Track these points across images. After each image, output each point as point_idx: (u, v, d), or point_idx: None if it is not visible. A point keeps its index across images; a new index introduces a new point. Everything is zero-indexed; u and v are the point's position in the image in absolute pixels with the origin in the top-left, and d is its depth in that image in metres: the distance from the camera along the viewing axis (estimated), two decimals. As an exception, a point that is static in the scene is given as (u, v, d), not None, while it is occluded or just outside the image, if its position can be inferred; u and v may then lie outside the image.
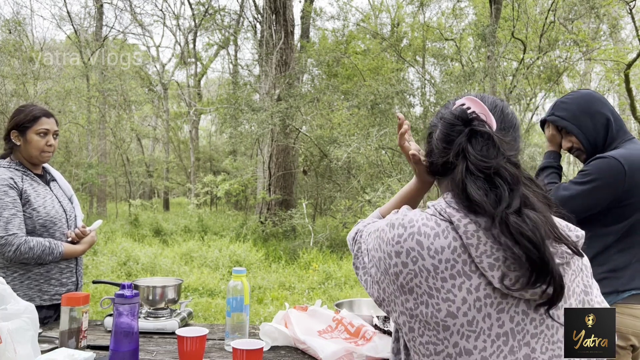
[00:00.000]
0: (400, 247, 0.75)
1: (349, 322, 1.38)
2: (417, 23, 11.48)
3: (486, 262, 0.72)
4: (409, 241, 0.75)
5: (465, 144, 0.77)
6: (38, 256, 1.60)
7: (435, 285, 0.72)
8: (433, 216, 0.77)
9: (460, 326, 0.72)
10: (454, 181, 0.77)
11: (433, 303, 0.73)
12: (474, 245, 0.72)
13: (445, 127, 0.81)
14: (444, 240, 0.74)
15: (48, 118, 1.71)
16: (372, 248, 0.82)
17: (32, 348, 1.11)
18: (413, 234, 0.75)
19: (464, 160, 0.76)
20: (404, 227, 0.77)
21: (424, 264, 0.73)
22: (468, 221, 0.74)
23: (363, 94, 8.70)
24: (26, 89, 10.28)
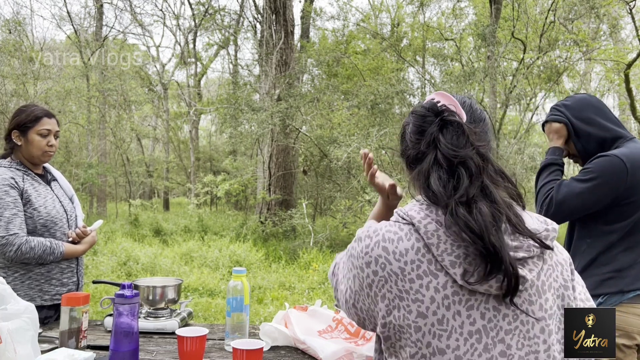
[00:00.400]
0: (369, 257, 0.77)
1: (349, 322, 1.38)
2: (417, 23, 11.48)
3: (447, 260, 0.73)
4: (375, 249, 0.77)
5: (437, 133, 0.78)
6: (39, 256, 1.60)
7: (405, 287, 0.74)
8: (396, 222, 0.79)
9: (431, 326, 0.72)
10: (421, 172, 0.78)
11: (404, 305, 0.73)
12: (434, 244, 0.74)
13: (417, 119, 0.83)
14: (407, 243, 0.75)
15: (49, 118, 1.71)
16: (346, 270, 0.84)
17: (32, 348, 1.11)
18: (378, 242, 0.77)
19: (434, 150, 0.78)
20: (370, 237, 0.79)
21: (391, 268, 0.75)
22: (428, 221, 0.75)
23: (363, 94, 8.70)
24: (26, 89, 10.28)
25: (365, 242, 0.79)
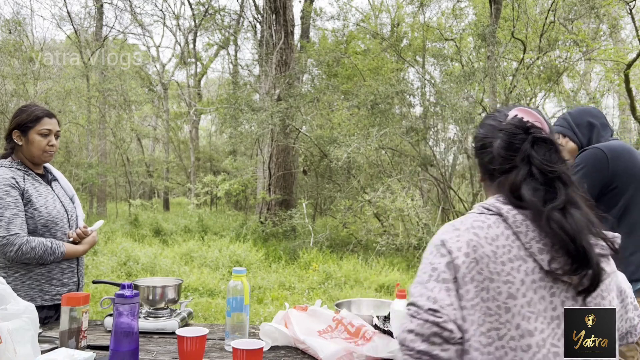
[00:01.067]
0: (459, 242, 0.83)
1: (349, 322, 1.38)
2: (417, 23, 11.48)
3: (535, 247, 0.81)
4: (466, 234, 0.84)
5: (529, 150, 0.86)
6: (40, 256, 1.60)
7: (496, 270, 0.80)
8: (482, 213, 0.88)
9: (520, 307, 0.78)
10: (509, 182, 0.86)
11: (494, 287, 0.79)
12: (523, 232, 0.82)
13: (508, 136, 0.89)
14: (497, 230, 0.83)
15: (50, 118, 1.71)
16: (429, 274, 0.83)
17: (32, 348, 1.11)
18: (468, 229, 0.84)
19: (527, 165, 0.86)
20: (457, 228, 0.86)
21: (484, 251, 0.81)
22: (516, 212, 0.84)
23: (363, 94, 8.69)
24: (26, 89, 10.28)
25: (455, 233, 0.85)
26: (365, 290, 5.48)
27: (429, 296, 0.80)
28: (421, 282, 0.83)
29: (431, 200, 9.61)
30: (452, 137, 9.43)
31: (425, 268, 0.85)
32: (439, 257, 0.83)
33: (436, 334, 0.77)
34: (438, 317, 0.78)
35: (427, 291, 0.81)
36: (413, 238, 6.87)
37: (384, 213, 7.45)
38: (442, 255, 0.83)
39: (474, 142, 0.99)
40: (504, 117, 0.93)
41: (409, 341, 0.78)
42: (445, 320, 0.78)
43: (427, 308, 0.79)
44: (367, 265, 6.47)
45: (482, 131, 0.96)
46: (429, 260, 0.85)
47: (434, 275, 0.82)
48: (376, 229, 7.71)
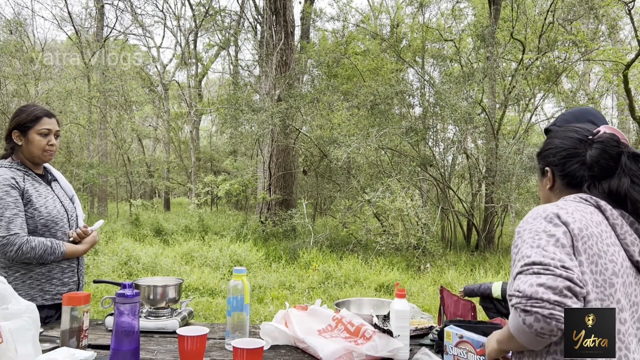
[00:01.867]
0: (573, 217, 0.91)
1: (349, 321, 1.39)
2: (417, 24, 11.48)
3: (629, 239, 0.94)
4: (575, 213, 0.93)
5: (628, 163, 0.99)
6: (40, 256, 1.60)
7: (603, 249, 0.90)
8: (580, 202, 0.97)
9: (621, 285, 0.89)
10: (611, 187, 0.98)
11: (602, 263, 0.89)
12: (618, 225, 0.94)
13: (605, 148, 1.01)
14: (597, 217, 0.94)
15: (50, 118, 1.71)
16: (538, 238, 0.89)
17: (33, 347, 1.11)
18: (573, 211, 0.93)
19: (626, 176, 0.98)
20: (563, 207, 0.94)
21: (592, 231, 0.91)
22: (612, 206, 0.96)
23: (363, 95, 8.70)
24: (27, 90, 10.29)
25: (561, 211, 0.93)
26: (365, 289, 5.49)
27: (553, 257, 0.84)
28: (539, 246, 0.87)
29: (430, 200, 9.61)
30: (451, 138, 9.42)
31: (539, 235, 0.89)
32: (554, 226, 0.90)
33: (569, 288, 0.81)
34: (571, 273, 0.82)
35: (550, 254, 0.85)
36: (412, 238, 6.87)
37: (383, 213, 7.45)
38: (557, 225, 0.90)
39: (549, 152, 1.08)
40: (588, 132, 1.05)
41: (541, 293, 0.80)
42: (577, 277, 0.82)
43: (559, 265, 0.83)
44: (367, 265, 6.48)
45: (564, 142, 1.06)
46: (542, 228, 0.90)
47: (551, 240, 0.87)
48: (376, 228, 7.71)
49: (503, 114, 8.78)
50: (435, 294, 5.21)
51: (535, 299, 0.79)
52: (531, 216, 0.95)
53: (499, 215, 8.39)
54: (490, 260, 7.24)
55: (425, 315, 1.64)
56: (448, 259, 7.02)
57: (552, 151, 1.08)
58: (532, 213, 0.96)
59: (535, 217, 0.94)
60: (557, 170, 1.06)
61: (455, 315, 1.61)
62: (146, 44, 24.58)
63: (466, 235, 8.85)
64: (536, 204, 1.69)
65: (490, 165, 8.30)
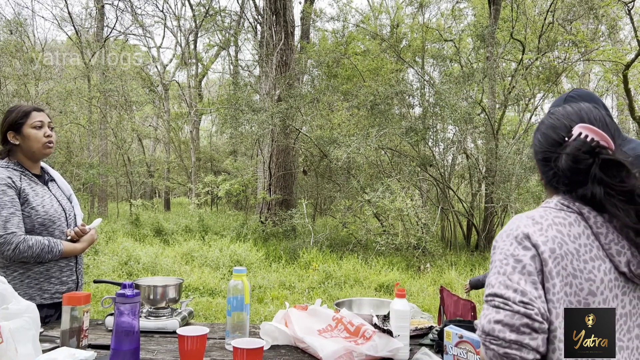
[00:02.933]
0: (545, 236, 0.85)
1: (349, 321, 1.39)
2: (417, 24, 11.49)
3: (614, 248, 0.86)
4: (550, 230, 0.85)
5: (599, 173, 0.87)
6: (37, 254, 1.60)
7: (579, 267, 0.84)
8: (561, 210, 0.89)
9: (598, 304, 0.83)
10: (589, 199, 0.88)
11: (576, 283, 0.83)
12: (603, 234, 0.86)
13: (573, 161, 0.89)
14: (578, 228, 0.87)
15: (38, 112, 1.71)
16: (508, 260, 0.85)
17: (33, 347, 1.11)
18: (551, 225, 0.86)
19: (599, 187, 0.87)
20: (538, 222, 0.87)
21: (568, 248, 0.84)
22: (596, 214, 0.87)
23: (363, 95, 8.70)
24: (27, 90, 10.29)
25: (537, 227, 0.86)
26: (365, 289, 5.49)
27: (516, 288, 0.81)
28: (504, 273, 0.84)
29: (430, 200, 9.61)
30: (451, 138, 9.42)
31: (507, 260, 0.85)
32: (523, 249, 0.84)
33: (527, 324, 0.79)
34: (529, 309, 0.79)
35: (513, 283, 0.82)
36: (412, 238, 6.87)
37: (383, 213, 7.45)
38: (525, 248, 0.84)
39: (534, 150, 0.99)
40: (565, 130, 0.93)
41: (497, 331, 0.80)
42: (536, 313, 0.79)
43: (518, 300, 0.80)
44: (367, 265, 6.48)
45: (542, 142, 0.96)
46: (511, 252, 0.85)
47: (517, 267, 0.83)
48: (376, 228, 7.72)
49: (503, 114, 8.78)
50: (435, 294, 5.21)
51: (492, 336, 0.80)
52: (506, 232, 0.89)
53: (498, 215, 8.39)
54: (490, 260, 7.23)
55: (425, 315, 1.65)
56: (448, 259, 7.02)
57: (535, 147, 1.00)
58: (508, 228, 0.90)
59: (508, 234, 0.88)
60: (541, 170, 0.99)
61: (455, 315, 1.60)
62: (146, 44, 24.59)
63: (466, 235, 8.85)
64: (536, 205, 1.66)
65: (490, 165, 8.30)
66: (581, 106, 0.96)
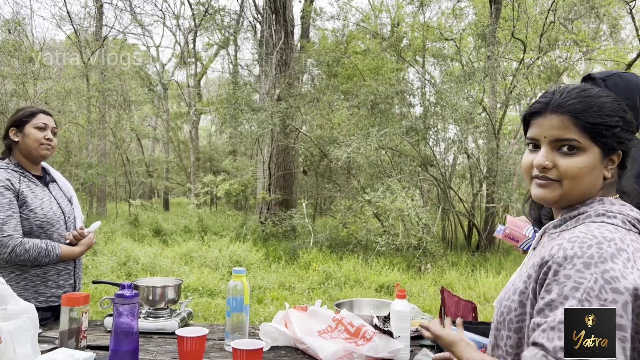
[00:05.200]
0: (638, 269, 0.71)
1: (349, 322, 1.38)
2: (417, 23, 11.48)
3: None
4: (638, 261, 0.71)
5: None
6: (34, 258, 1.59)
7: None
8: (630, 231, 0.75)
9: None
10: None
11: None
12: None
13: None
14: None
15: (46, 115, 1.72)
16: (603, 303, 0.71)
17: (32, 348, 1.11)
18: (634, 252, 0.72)
19: None
20: (623, 249, 0.72)
21: None
22: None
23: (363, 94, 8.69)
24: (26, 89, 10.28)
25: (624, 256, 0.71)
26: (365, 290, 5.48)
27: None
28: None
29: (431, 201, 9.61)
30: (452, 137, 9.43)
31: (590, 303, 0.69)
32: (612, 292, 0.68)
33: None
34: None
35: None
36: (413, 238, 6.87)
37: (384, 213, 7.45)
38: (616, 291, 0.68)
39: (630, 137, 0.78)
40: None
41: None
42: None
43: None
44: (367, 265, 6.47)
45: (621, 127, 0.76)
46: (595, 292, 0.68)
47: None
48: (376, 229, 7.71)
49: (504, 113, 8.78)
50: (436, 295, 5.20)
51: None
52: (579, 256, 0.70)
53: (500, 215, 8.39)
54: (491, 260, 7.23)
55: (425, 316, 1.64)
56: (449, 260, 7.01)
57: (632, 131, 0.77)
58: (582, 250, 0.71)
59: (587, 263, 0.69)
60: (625, 159, 0.78)
61: (456, 316, 1.60)
62: (145, 44, 24.59)
63: (467, 236, 8.84)
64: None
65: (491, 165, 8.30)
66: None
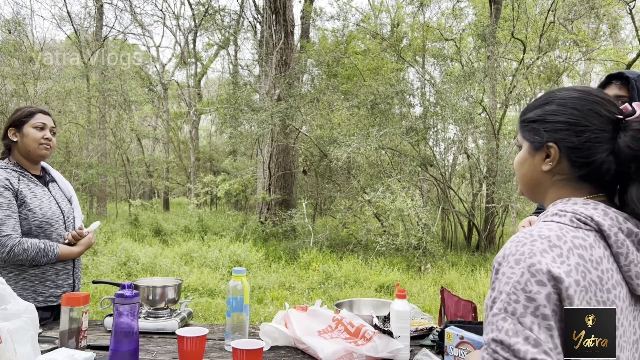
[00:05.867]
0: (568, 265, 0.69)
1: (349, 322, 1.38)
2: (417, 23, 11.47)
3: (634, 271, 0.73)
4: (572, 257, 0.70)
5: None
6: (32, 258, 1.59)
7: (602, 298, 0.71)
8: (578, 227, 0.74)
9: (621, 334, 0.72)
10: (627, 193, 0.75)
11: None
12: (623, 254, 0.73)
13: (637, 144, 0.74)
14: (599, 251, 0.73)
15: (44, 115, 1.72)
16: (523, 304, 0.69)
17: (32, 348, 1.11)
18: (571, 249, 0.71)
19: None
20: (557, 246, 0.71)
21: (591, 277, 0.71)
22: (617, 230, 0.73)
23: (363, 94, 8.70)
24: (26, 89, 10.28)
25: (556, 252, 0.70)
26: (365, 290, 5.49)
27: (527, 336, 0.66)
28: (513, 314, 0.68)
29: (431, 200, 9.61)
30: (452, 137, 9.43)
31: (517, 295, 0.68)
32: (537, 284, 0.68)
33: None
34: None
35: (525, 329, 0.67)
36: (413, 238, 6.87)
37: (383, 213, 7.45)
38: (540, 283, 0.67)
39: (567, 123, 0.77)
40: (614, 108, 0.76)
41: None
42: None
43: (529, 357, 0.65)
44: (367, 265, 6.47)
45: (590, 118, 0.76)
46: (522, 285, 0.68)
47: (530, 307, 0.67)
48: (376, 229, 7.72)
49: (504, 113, 8.78)
50: (436, 295, 5.20)
51: None
52: (514, 255, 0.71)
53: (499, 215, 8.40)
54: (491, 260, 7.24)
55: (425, 316, 1.64)
56: (449, 260, 7.02)
57: (566, 122, 0.77)
58: (516, 249, 0.72)
59: (518, 259, 0.70)
60: (572, 153, 0.77)
61: (456, 315, 1.60)
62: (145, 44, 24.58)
63: (467, 236, 8.85)
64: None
65: (491, 165, 8.30)
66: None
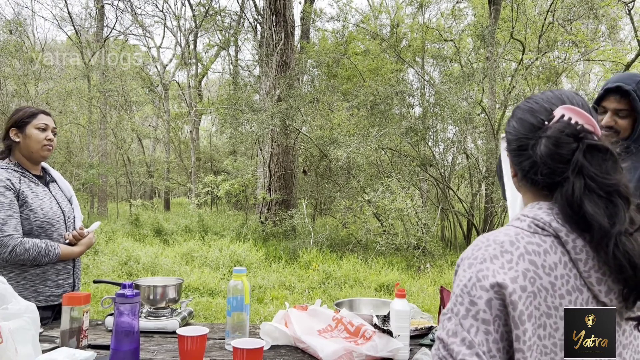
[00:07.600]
0: (515, 271, 0.70)
1: (349, 321, 1.39)
2: (417, 24, 11.48)
3: (594, 277, 0.72)
4: (521, 263, 0.71)
5: (582, 160, 0.73)
6: (34, 258, 1.60)
7: (554, 304, 0.71)
8: (535, 233, 0.74)
9: None
10: (566, 198, 0.74)
11: (550, 323, 0.71)
12: (582, 260, 0.72)
13: (555, 145, 0.75)
14: (554, 256, 0.72)
15: (46, 115, 1.73)
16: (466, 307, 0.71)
17: (33, 347, 1.11)
18: (523, 255, 0.72)
19: (580, 178, 0.73)
20: (508, 250, 0.72)
21: (542, 282, 0.71)
22: (575, 236, 0.73)
23: (363, 95, 8.70)
24: (27, 90, 10.29)
25: (507, 257, 0.71)
26: (365, 289, 5.49)
27: (464, 337, 0.69)
28: (457, 315, 0.71)
29: (430, 201, 9.61)
30: (451, 138, 9.43)
31: (463, 298, 0.71)
32: (480, 289, 0.70)
33: None
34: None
35: (464, 330, 0.69)
36: (412, 238, 6.88)
37: (383, 213, 7.45)
38: (483, 289, 0.69)
39: (507, 138, 0.83)
40: (545, 114, 0.79)
41: None
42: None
43: (459, 359, 0.68)
44: (367, 265, 6.48)
45: (517, 127, 0.81)
46: (468, 288, 0.71)
47: (471, 311, 0.70)
48: (376, 228, 7.72)
49: (503, 114, 8.78)
50: (435, 294, 5.20)
51: None
52: (469, 257, 0.74)
53: (499, 215, 8.40)
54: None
55: (425, 316, 1.64)
56: (448, 259, 7.02)
57: (508, 136, 0.83)
58: (472, 252, 0.74)
59: (471, 262, 0.73)
60: (515, 161, 0.82)
61: (455, 315, 1.60)
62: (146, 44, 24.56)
63: (466, 235, 8.85)
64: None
65: (490, 165, 8.31)
66: (563, 90, 0.85)
